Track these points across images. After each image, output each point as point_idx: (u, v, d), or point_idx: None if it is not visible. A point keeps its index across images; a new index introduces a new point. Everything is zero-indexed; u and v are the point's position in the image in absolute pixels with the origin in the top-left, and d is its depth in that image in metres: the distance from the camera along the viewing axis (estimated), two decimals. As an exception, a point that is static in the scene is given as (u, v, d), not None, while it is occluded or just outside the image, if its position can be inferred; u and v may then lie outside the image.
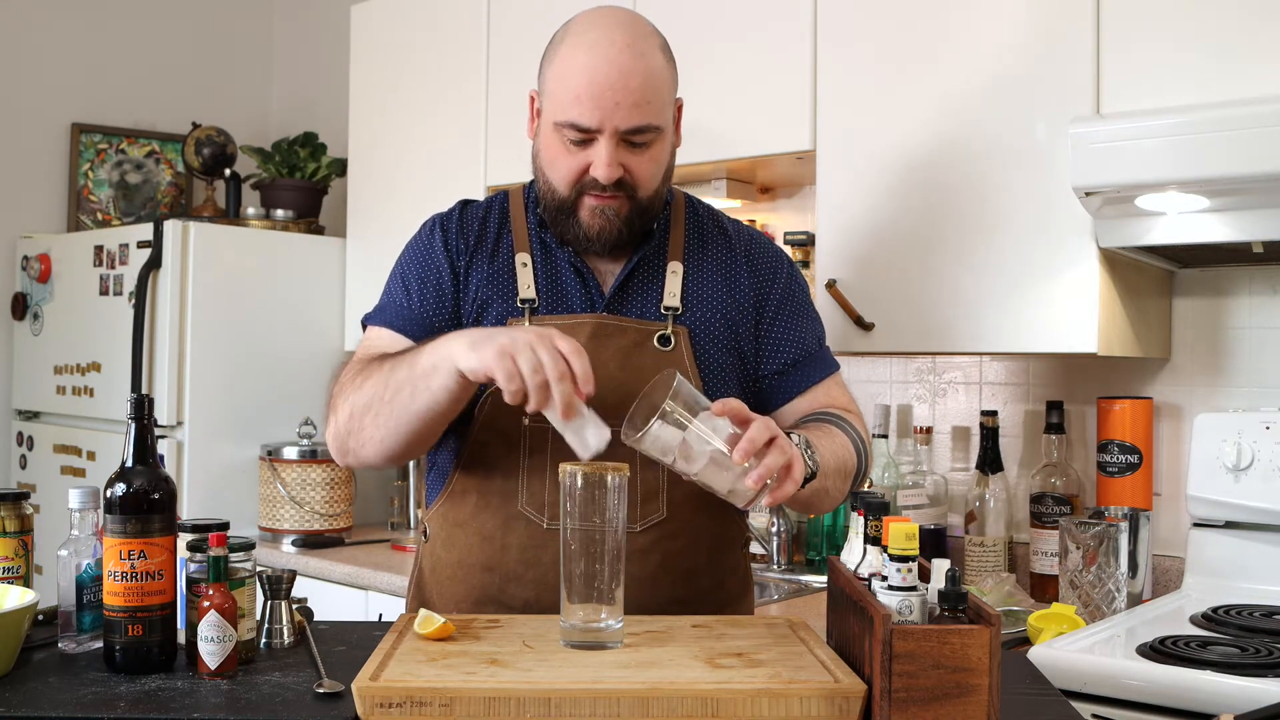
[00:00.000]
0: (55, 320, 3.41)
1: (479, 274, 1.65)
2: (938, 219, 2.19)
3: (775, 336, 1.70)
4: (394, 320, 1.66)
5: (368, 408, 1.52)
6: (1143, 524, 2.16)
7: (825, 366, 1.74)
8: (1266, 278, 2.24)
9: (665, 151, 1.62)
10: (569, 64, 1.56)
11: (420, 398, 1.47)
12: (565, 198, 1.60)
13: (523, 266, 1.65)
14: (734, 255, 1.71)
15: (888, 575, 1.19)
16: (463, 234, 1.68)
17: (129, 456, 1.37)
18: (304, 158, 3.55)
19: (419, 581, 1.73)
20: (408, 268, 1.69)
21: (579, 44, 1.56)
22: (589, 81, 1.53)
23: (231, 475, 3.13)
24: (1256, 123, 1.75)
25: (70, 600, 1.44)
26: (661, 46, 1.60)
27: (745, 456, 1.34)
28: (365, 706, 1.15)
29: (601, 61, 1.53)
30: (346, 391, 1.56)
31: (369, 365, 1.57)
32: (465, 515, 1.63)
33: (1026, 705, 1.27)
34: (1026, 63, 2.09)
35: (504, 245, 1.67)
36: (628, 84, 1.53)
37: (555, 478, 1.54)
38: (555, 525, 1.55)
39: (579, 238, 1.61)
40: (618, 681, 1.19)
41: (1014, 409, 2.53)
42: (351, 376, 1.58)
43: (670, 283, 1.65)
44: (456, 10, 3.00)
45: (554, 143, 1.59)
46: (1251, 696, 1.55)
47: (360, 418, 1.53)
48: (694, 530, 1.62)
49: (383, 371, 1.52)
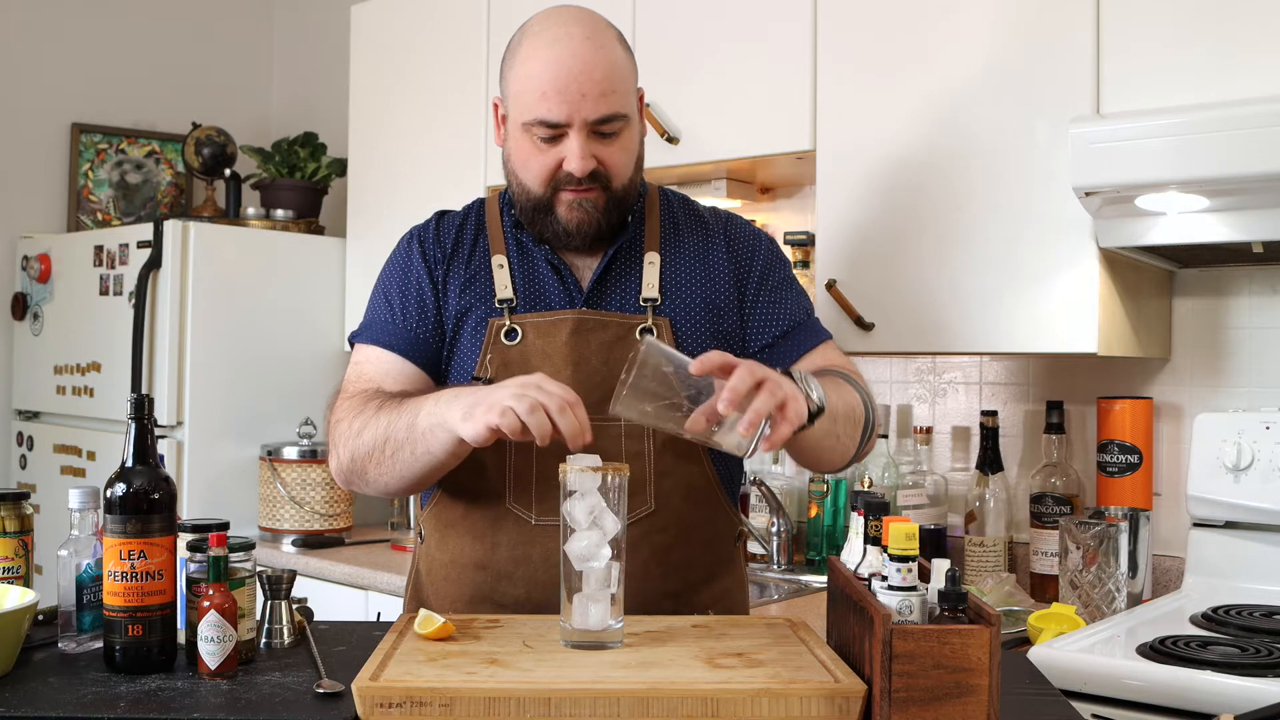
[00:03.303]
0: (55, 320, 3.41)
1: (456, 281, 1.66)
2: (937, 219, 2.19)
3: (760, 313, 1.70)
4: (381, 337, 1.67)
5: (369, 456, 1.55)
6: (1143, 524, 2.16)
7: (815, 334, 1.73)
8: (1266, 278, 2.24)
9: (635, 140, 1.64)
10: (531, 63, 1.57)
11: (421, 458, 1.51)
12: (541, 196, 1.60)
13: (499, 268, 1.66)
14: (711, 239, 1.71)
15: (888, 575, 1.19)
16: (439, 244, 1.69)
17: (129, 456, 1.37)
18: (304, 158, 3.55)
19: (416, 582, 1.73)
20: (389, 283, 1.71)
21: (538, 42, 1.58)
22: (553, 76, 1.54)
23: (231, 475, 3.12)
24: (1256, 123, 1.75)
25: (70, 600, 1.44)
26: (619, 38, 1.62)
27: (731, 407, 1.30)
28: (365, 706, 1.15)
29: (564, 55, 1.55)
30: (344, 434, 1.59)
31: (363, 406, 1.58)
32: (457, 515, 1.64)
33: (1026, 705, 1.27)
34: (1026, 62, 2.09)
35: (480, 249, 1.68)
36: (592, 75, 1.55)
37: (541, 474, 1.56)
38: (543, 521, 1.56)
39: (559, 234, 1.62)
40: (618, 681, 1.19)
41: (1014, 409, 2.53)
42: (349, 416, 1.59)
43: (648, 274, 1.66)
44: (456, 10, 3.00)
45: (524, 144, 1.60)
46: (1251, 696, 1.55)
47: (363, 463, 1.56)
48: (683, 523, 1.62)
49: (380, 422, 1.54)
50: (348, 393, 1.65)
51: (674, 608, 1.59)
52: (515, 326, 1.62)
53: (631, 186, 1.64)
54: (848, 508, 2.62)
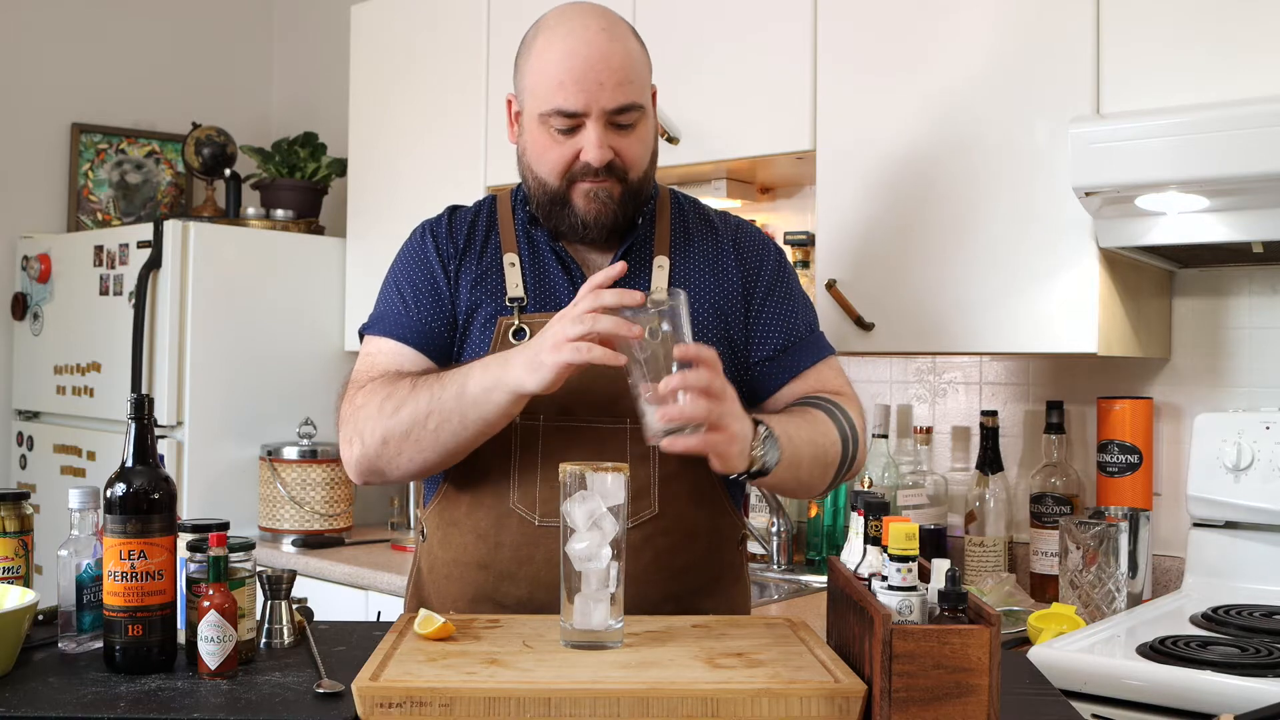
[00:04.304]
0: (55, 320, 3.41)
1: (468, 277, 1.66)
2: (937, 219, 2.19)
3: (764, 323, 1.70)
4: (394, 330, 1.66)
5: (407, 434, 1.53)
6: (1143, 524, 2.16)
7: (817, 351, 1.73)
8: (1266, 278, 2.24)
9: (650, 132, 1.64)
10: (547, 54, 1.57)
11: (471, 425, 1.51)
12: (558, 189, 1.60)
13: (510, 266, 1.65)
14: (720, 245, 1.72)
15: (888, 575, 1.19)
16: (451, 238, 1.69)
17: (129, 456, 1.37)
18: (304, 158, 3.55)
19: (417, 581, 1.73)
20: (401, 275, 1.69)
21: (555, 35, 1.58)
22: (570, 66, 1.55)
23: (231, 475, 3.12)
24: (1256, 123, 1.75)
25: (70, 600, 1.44)
26: (634, 32, 1.64)
27: (660, 395, 1.37)
28: (365, 706, 1.15)
29: (581, 45, 1.55)
30: (371, 415, 1.56)
31: (392, 387, 1.57)
32: (460, 514, 1.64)
33: (1026, 705, 1.27)
34: (1026, 62, 2.09)
35: (491, 246, 1.68)
36: (609, 64, 1.55)
37: (546, 474, 1.55)
38: (547, 522, 1.56)
39: (576, 226, 1.62)
40: (618, 681, 1.19)
41: (1014, 409, 2.53)
42: (374, 399, 1.57)
43: (657, 277, 1.66)
44: (456, 10, 3.00)
45: (540, 136, 1.59)
46: (1251, 696, 1.55)
47: (399, 444, 1.54)
48: (686, 526, 1.62)
49: (419, 398, 1.53)
50: (360, 382, 1.63)
51: (675, 611, 1.58)
52: (524, 326, 1.61)
53: (646, 180, 1.65)
54: (848, 508, 2.62)
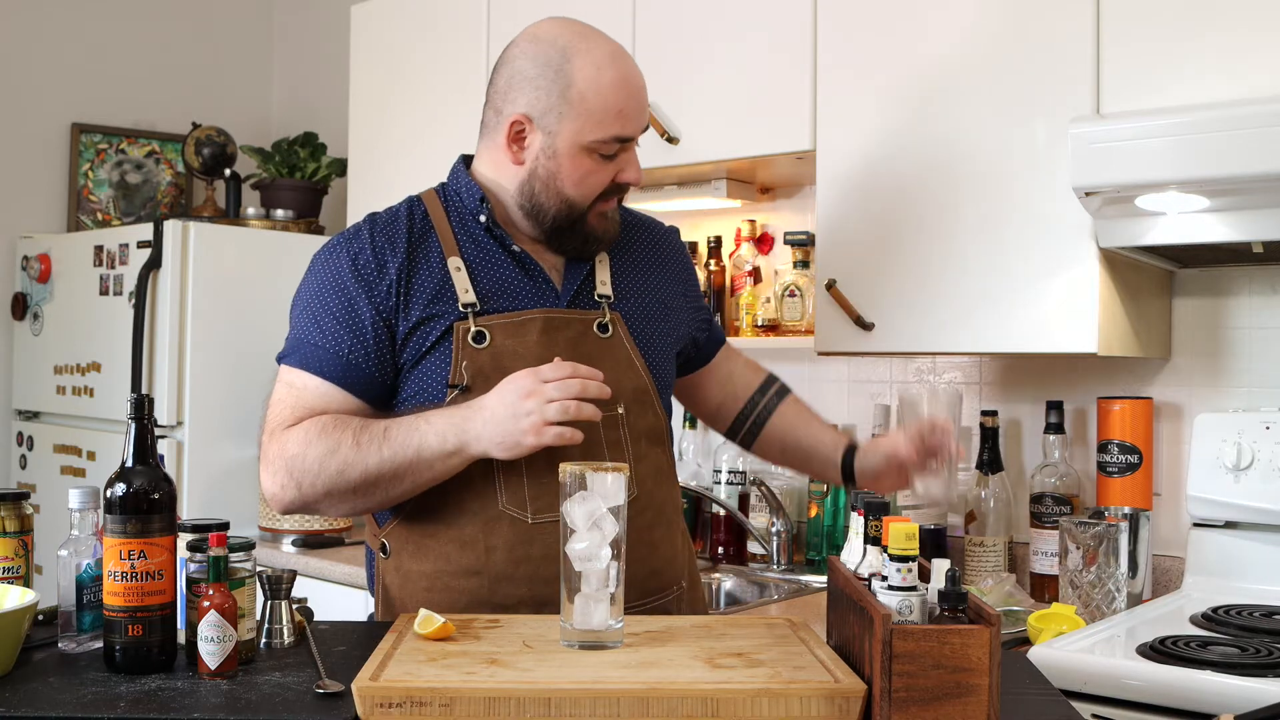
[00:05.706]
0: (55, 320, 3.41)
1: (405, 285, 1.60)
2: (937, 219, 2.19)
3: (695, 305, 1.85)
4: (316, 365, 1.59)
5: (354, 490, 1.54)
6: (1143, 524, 2.16)
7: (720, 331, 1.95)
8: (1266, 278, 2.24)
9: None
10: (600, 82, 1.60)
11: (424, 482, 1.55)
12: (583, 210, 1.64)
13: (456, 270, 1.62)
14: (649, 237, 1.81)
15: (888, 575, 1.19)
16: (376, 254, 1.61)
17: (129, 456, 1.37)
18: (304, 158, 3.55)
19: (385, 597, 1.66)
20: (317, 303, 1.61)
21: (597, 62, 1.60)
22: (628, 94, 1.61)
23: (231, 475, 3.12)
24: (1256, 123, 1.75)
25: (70, 600, 1.44)
26: None
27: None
28: (365, 706, 1.15)
29: (629, 72, 1.63)
30: (312, 471, 1.53)
31: (331, 440, 1.53)
32: (438, 525, 1.60)
33: (1026, 705, 1.27)
34: (1026, 62, 2.09)
35: (429, 251, 1.63)
36: (644, 88, 1.66)
37: (532, 473, 1.57)
38: (540, 520, 1.57)
39: (586, 242, 1.66)
40: (618, 681, 1.19)
41: (1014, 409, 2.53)
42: (315, 453, 1.53)
43: (600, 272, 1.70)
44: (456, 10, 3.00)
45: (583, 161, 1.62)
46: (1251, 696, 1.55)
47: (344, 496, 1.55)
48: (656, 503, 1.68)
49: (367, 456, 1.52)
50: (285, 420, 1.57)
51: (657, 586, 1.64)
52: (482, 329, 1.59)
53: None
54: (848, 508, 2.62)
